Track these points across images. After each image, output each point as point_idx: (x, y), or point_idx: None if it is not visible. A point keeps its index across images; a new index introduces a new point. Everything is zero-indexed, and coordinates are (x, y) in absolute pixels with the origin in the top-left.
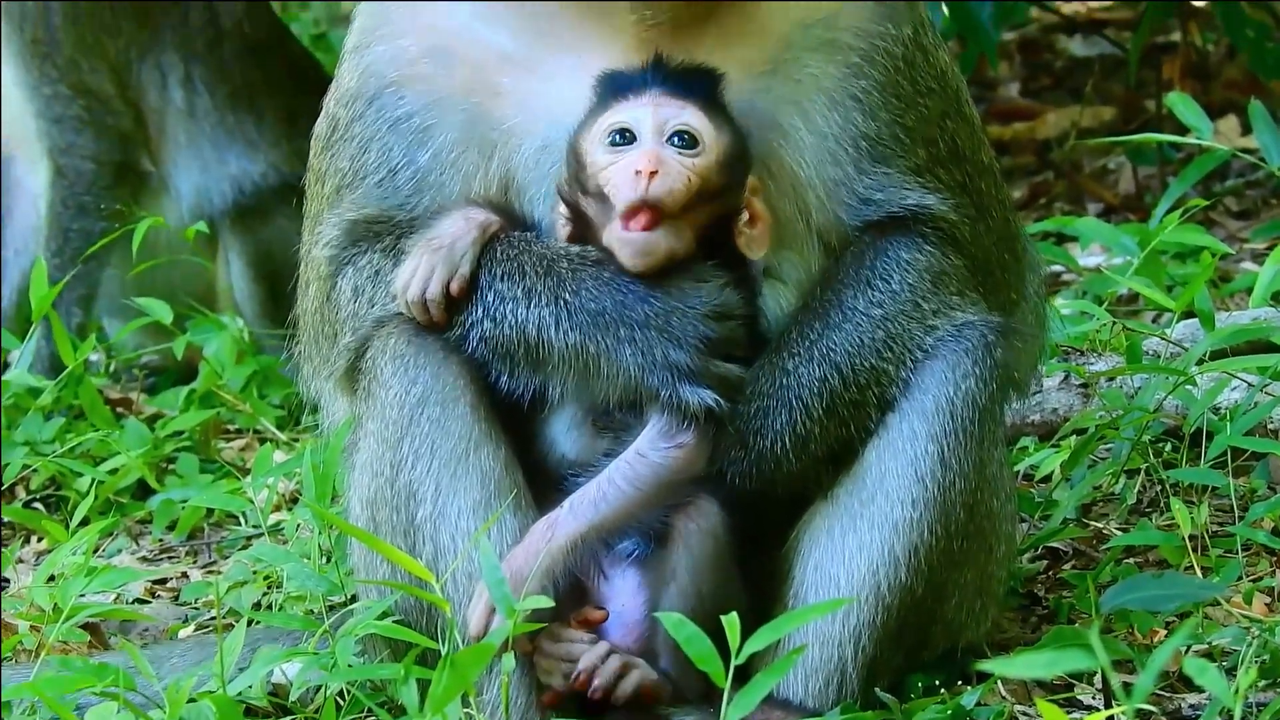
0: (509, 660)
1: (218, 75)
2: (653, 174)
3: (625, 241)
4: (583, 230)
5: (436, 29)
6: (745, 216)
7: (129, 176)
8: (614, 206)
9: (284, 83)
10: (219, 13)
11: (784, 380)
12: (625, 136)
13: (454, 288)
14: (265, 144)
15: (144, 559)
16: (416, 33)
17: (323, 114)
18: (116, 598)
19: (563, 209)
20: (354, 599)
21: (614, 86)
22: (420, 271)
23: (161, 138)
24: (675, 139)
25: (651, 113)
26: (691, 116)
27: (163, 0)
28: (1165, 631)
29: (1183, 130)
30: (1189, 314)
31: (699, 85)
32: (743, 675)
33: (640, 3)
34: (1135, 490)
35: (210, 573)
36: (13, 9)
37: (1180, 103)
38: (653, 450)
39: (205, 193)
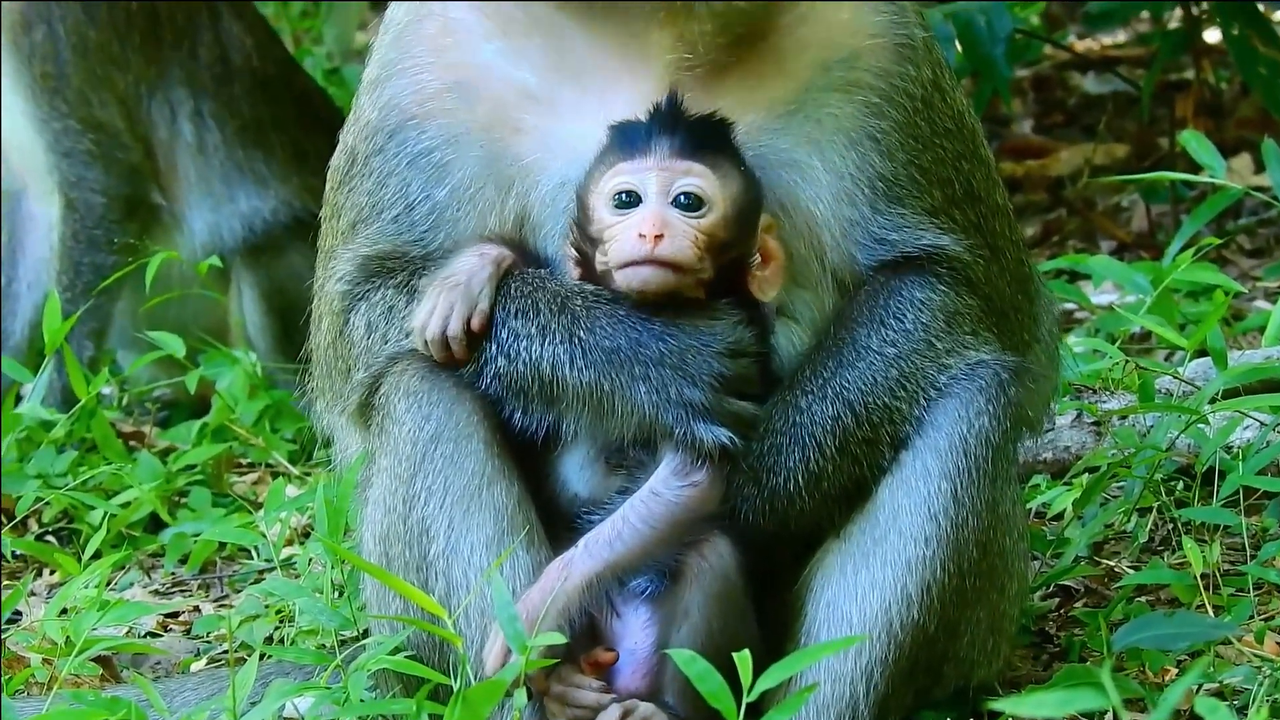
0: (521, 697)
1: (227, 110)
2: (658, 237)
3: (631, 275)
4: (589, 274)
5: (460, 65)
6: (757, 259)
7: (139, 210)
8: (610, 258)
9: (293, 118)
10: (228, 48)
11: (797, 418)
12: (630, 198)
13: (474, 324)
14: (275, 180)
15: (156, 592)
16: (439, 67)
17: (339, 147)
18: (128, 631)
19: (572, 251)
20: (366, 634)
21: (620, 143)
22: (439, 309)
23: (172, 173)
24: (681, 199)
25: (655, 175)
26: (697, 177)
27: (171, 34)
28: (1177, 670)
29: (1196, 168)
30: (1201, 352)
31: (706, 140)
32: (754, 712)
33: (677, 44)
34: (1147, 529)
35: (222, 607)
36: (22, 43)
37: (1193, 140)
38: (667, 489)
39: (216, 229)
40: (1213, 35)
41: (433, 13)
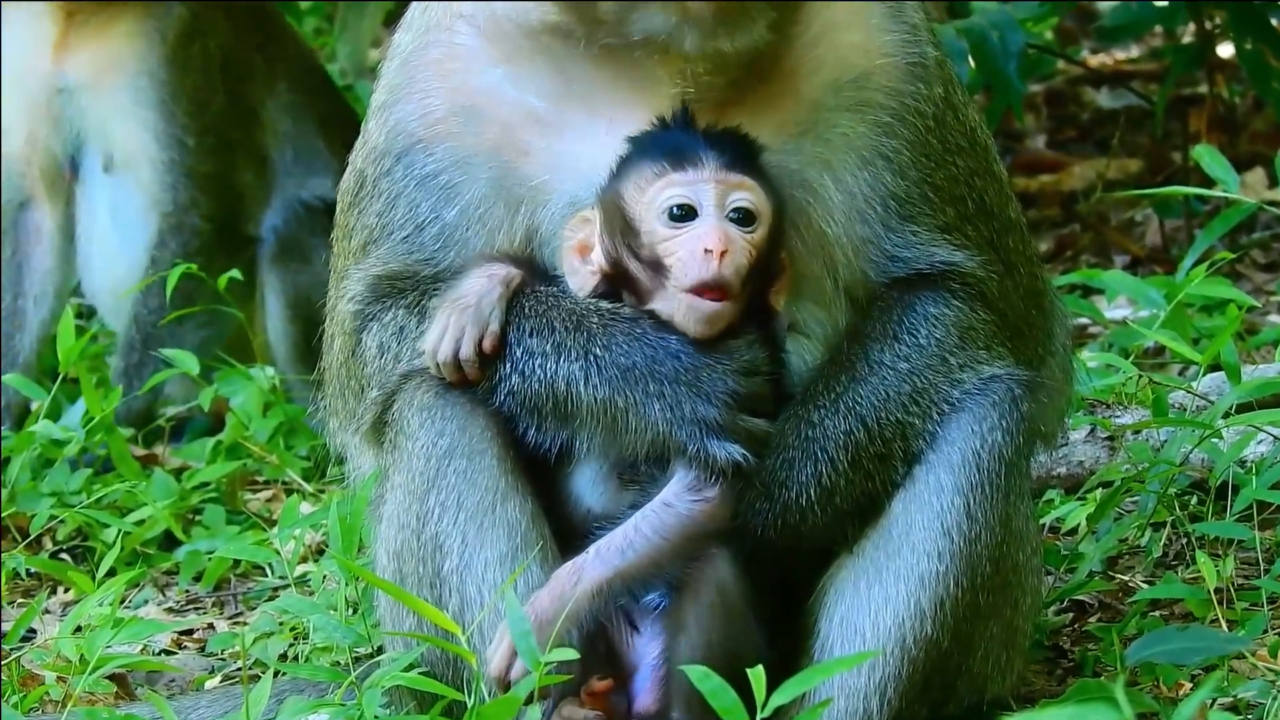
0: (534, 712)
1: (311, 102)
2: (724, 252)
3: (693, 308)
4: (620, 288)
5: (465, 89)
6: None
7: (233, 244)
8: (674, 278)
9: (350, 116)
10: (304, 48)
11: (809, 432)
12: (684, 211)
13: (486, 345)
14: (332, 171)
15: (170, 610)
16: (444, 92)
17: (349, 169)
18: (143, 649)
19: (597, 262)
20: (380, 650)
21: (665, 153)
22: (450, 332)
23: (269, 166)
24: (733, 214)
25: (713, 189)
26: (749, 191)
27: (275, 30)
28: (1191, 685)
29: (1209, 182)
30: (1215, 367)
31: (750, 155)
32: None
33: (684, 79)
34: (1161, 543)
35: (236, 624)
36: (179, 55)
37: (1207, 155)
38: (679, 501)
39: (280, 211)
40: (1226, 50)
41: (438, 40)
